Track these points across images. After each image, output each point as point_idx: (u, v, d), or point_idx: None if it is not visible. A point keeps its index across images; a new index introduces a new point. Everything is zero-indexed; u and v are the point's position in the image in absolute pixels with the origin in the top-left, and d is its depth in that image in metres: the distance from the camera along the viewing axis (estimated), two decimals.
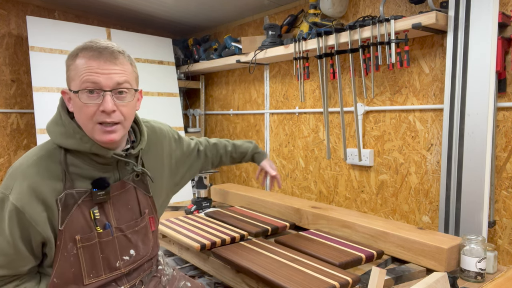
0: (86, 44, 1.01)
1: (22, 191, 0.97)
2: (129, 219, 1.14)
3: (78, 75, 0.99)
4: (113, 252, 1.10)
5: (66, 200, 1.01)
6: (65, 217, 1.02)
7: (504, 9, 1.61)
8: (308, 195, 2.47)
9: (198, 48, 3.10)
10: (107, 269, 1.09)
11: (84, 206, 1.05)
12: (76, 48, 1.02)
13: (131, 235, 1.14)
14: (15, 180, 0.99)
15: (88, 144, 1.02)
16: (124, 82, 1.02)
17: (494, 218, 1.66)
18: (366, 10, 2.09)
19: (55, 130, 1.05)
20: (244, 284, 1.46)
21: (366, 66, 1.95)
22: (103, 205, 1.08)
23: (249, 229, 1.77)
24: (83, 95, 0.98)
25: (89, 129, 1.01)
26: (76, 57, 1.00)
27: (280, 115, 2.64)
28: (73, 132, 1.02)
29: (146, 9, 2.74)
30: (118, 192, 1.12)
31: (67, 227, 1.02)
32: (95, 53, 0.99)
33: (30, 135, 2.70)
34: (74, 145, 1.02)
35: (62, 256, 1.02)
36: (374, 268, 1.00)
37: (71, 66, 1.01)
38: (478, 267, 1.34)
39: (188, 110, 3.46)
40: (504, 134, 1.63)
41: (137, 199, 1.17)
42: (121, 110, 1.02)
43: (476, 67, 1.56)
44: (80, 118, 1.02)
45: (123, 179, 1.13)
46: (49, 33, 2.48)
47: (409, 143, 1.94)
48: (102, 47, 0.99)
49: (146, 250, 1.19)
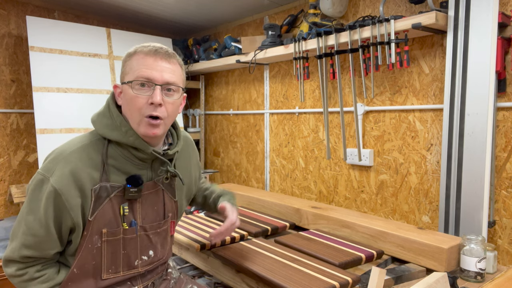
0: (143, 44, 1.09)
1: (63, 174, 1.01)
2: (153, 220, 1.17)
3: (133, 69, 1.05)
4: (134, 250, 1.13)
5: (100, 192, 1.05)
6: (96, 208, 1.05)
7: (504, 9, 1.61)
8: (308, 195, 2.47)
9: (198, 48, 3.10)
10: (126, 267, 1.12)
11: (115, 200, 1.08)
12: (134, 47, 1.09)
13: (153, 236, 1.17)
14: (57, 164, 1.02)
15: (132, 137, 1.06)
16: (174, 81, 1.08)
17: (494, 218, 1.66)
18: (366, 10, 2.09)
19: (101, 121, 1.09)
20: (244, 284, 1.46)
21: (366, 66, 1.95)
22: (132, 202, 1.11)
23: (249, 229, 1.77)
24: (135, 86, 1.04)
25: (136, 121, 1.06)
26: (133, 54, 1.07)
27: (280, 115, 2.64)
28: (120, 124, 1.07)
29: (146, 9, 2.74)
30: (148, 192, 1.15)
31: (96, 218, 1.05)
32: (152, 50, 1.06)
33: (30, 135, 2.70)
34: (118, 137, 1.06)
35: (86, 248, 1.05)
36: (374, 268, 1.00)
37: (127, 62, 1.08)
38: (478, 267, 1.34)
39: (188, 110, 3.46)
40: (504, 134, 1.63)
41: (163, 202, 1.19)
42: (167, 107, 1.07)
43: (476, 67, 1.56)
44: (128, 110, 1.07)
45: (155, 180, 1.16)
46: (49, 33, 2.48)
47: (409, 143, 1.94)
48: (158, 47, 1.08)
49: (163, 253, 1.22)
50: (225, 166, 3.19)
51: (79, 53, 2.58)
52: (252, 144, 2.90)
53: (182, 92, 1.12)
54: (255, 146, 2.87)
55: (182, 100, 1.17)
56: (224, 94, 3.16)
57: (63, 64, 2.50)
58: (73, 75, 2.52)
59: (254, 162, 2.89)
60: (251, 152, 2.92)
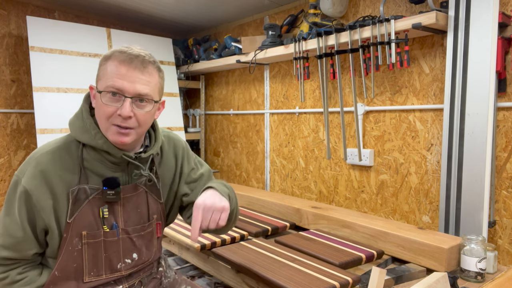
0: (121, 48, 1.05)
1: (33, 175, 1.01)
2: (136, 222, 1.15)
3: (106, 76, 1.03)
4: (116, 253, 1.11)
5: (78, 194, 1.04)
6: (75, 210, 1.04)
7: (504, 9, 1.61)
8: (308, 195, 2.47)
9: (198, 48, 3.10)
10: (108, 270, 1.10)
11: (94, 203, 1.07)
12: (111, 50, 1.06)
13: (136, 239, 1.15)
14: (29, 165, 1.03)
15: (101, 140, 1.05)
16: (146, 93, 1.04)
17: (494, 218, 1.66)
18: (366, 10, 2.09)
19: (75, 123, 1.09)
20: (244, 284, 1.46)
21: (366, 66, 1.95)
22: (113, 205, 1.10)
23: (249, 229, 1.77)
24: (105, 96, 1.02)
25: (105, 127, 1.05)
26: (109, 59, 1.04)
27: (280, 115, 2.64)
28: (89, 127, 1.06)
29: (146, 9, 2.74)
30: (130, 195, 1.13)
31: (75, 221, 1.04)
32: (127, 59, 1.02)
33: (30, 135, 2.70)
34: (87, 140, 1.05)
35: (66, 250, 1.04)
36: (374, 268, 1.00)
37: (102, 67, 1.05)
38: (478, 267, 1.34)
39: (188, 110, 3.46)
40: (504, 134, 1.63)
41: (147, 204, 1.18)
42: (138, 117, 1.04)
43: (476, 67, 1.56)
44: (98, 116, 1.06)
45: (137, 182, 1.15)
46: (49, 33, 2.48)
47: (409, 143, 1.94)
48: (134, 55, 1.03)
49: (149, 255, 1.20)
50: (225, 166, 3.19)
51: (79, 53, 2.58)
52: (252, 144, 2.90)
53: (155, 104, 1.09)
54: (255, 146, 2.87)
55: (158, 108, 1.14)
56: (224, 94, 3.16)
57: (63, 64, 2.50)
58: (73, 75, 2.52)
59: (254, 162, 2.89)
60: (251, 152, 2.92)
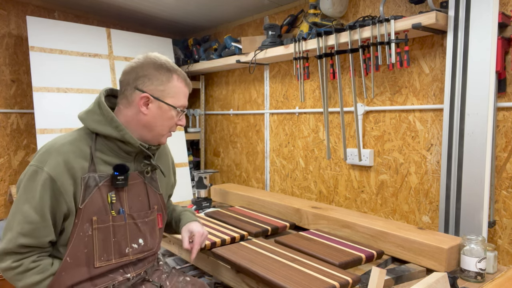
0: (176, 66, 1.24)
1: (57, 163, 1.09)
2: (140, 209, 1.25)
3: (177, 96, 1.23)
4: (124, 237, 1.19)
5: (89, 181, 1.13)
6: (86, 196, 1.12)
7: (504, 9, 1.61)
8: (308, 195, 2.47)
9: (198, 48, 3.10)
10: (117, 254, 1.17)
11: (103, 189, 1.16)
12: (166, 63, 1.22)
13: (141, 225, 1.24)
14: (50, 155, 1.10)
15: (123, 132, 1.16)
16: None
17: (494, 218, 1.66)
18: (366, 10, 2.09)
19: (91, 118, 1.19)
20: (244, 284, 1.46)
21: (366, 66, 1.95)
22: (119, 191, 1.19)
23: (249, 229, 1.77)
24: (176, 111, 1.23)
25: (161, 134, 1.24)
26: (173, 76, 1.22)
27: (280, 115, 2.64)
28: (111, 120, 1.17)
29: (146, 9, 2.74)
30: (133, 182, 1.23)
31: (86, 206, 1.12)
32: (187, 81, 1.26)
33: (30, 135, 2.70)
34: (107, 131, 1.16)
35: (77, 236, 1.11)
36: (374, 268, 1.00)
37: (170, 84, 1.21)
38: (478, 267, 1.34)
39: (188, 110, 3.46)
40: (504, 134, 1.63)
41: (146, 194, 1.27)
42: None
43: (476, 67, 1.56)
44: (157, 124, 1.21)
45: (138, 172, 1.25)
46: (49, 33, 2.48)
47: (409, 143, 1.94)
48: (186, 76, 1.27)
49: (153, 244, 1.28)
50: (225, 166, 3.19)
51: (79, 53, 2.58)
52: (252, 144, 2.90)
53: None
54: (255, 146, 2.87)
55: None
56: (224, 94, 3.16)
57: (63, 64, 2.50)
58: (73, 75, 2.52)
59: (254, 162, 2.89)
60: (251, 152, 2.92)
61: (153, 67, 1.19)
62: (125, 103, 1.21)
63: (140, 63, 1.20)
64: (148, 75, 1.19)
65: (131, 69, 1.21)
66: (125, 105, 1.21)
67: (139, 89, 1.19)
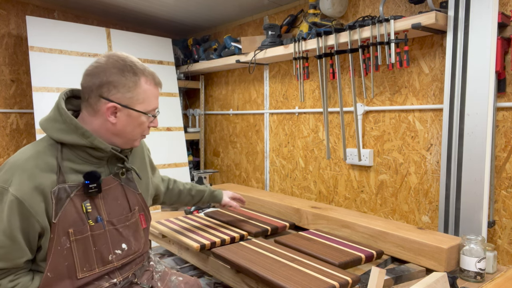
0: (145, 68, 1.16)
1: (22, 182, 1.01)
2: (120, 213, 1.19)
3: (146, 100, 1.15)
4: (106, 245, 1.13)
5: (59, 194, 1.05)
6: (59, 210, 1.05)
7: (504, 9, 1.61)
8: (308, 195, 2.47)
9: (198, 48, 3.10)
10: (100, 263, 1.12)
11: (76, 199, 1.09)
12: (131, 65, 1.12)
13: (123, 230, 1.18)
14: (14, 173, 1.02)
15: (91, 138, 1.08)
16: None
17: (494, 218, 1.66)
18: (365, 10, 2.09)
19: (53, 126, 1.09)
20: (244, 284, 1.46)
21: (365, 66, 1.95)
22: (94, 199, 1.13)
23: (249, 229, 1.77)
24: (146, 117, 1.16)
25: (133, 138, 1.18)
26: (141, 79, 1.13)
27: (280, 115, 2.64)
28: (75, 128, 1.08)
29: (146, 9, 2.74)
30: (108, 187, 1.17)
31: (60, 220, 1.05)
32: (156, 80, 1.18)
33: (29, 135, 2.70)
34: (74, 140, 1.08)
35: (55, 250, 1.05)
36: (374, 268, 1.01)
37: (138, 90, 1.12)
38: (477, 267, 1.34)
39: (188, 110, 3.46)
40: (503, 134, 1.63)
41: (125, 196, 1.22)
42: None
43: (476, 67, 1.56)
44: (126, 129, 1.14)
45: (112, 175, 1.19)
46: (48, 33, 2.48)
47: (408, 143, 1.94)
48: (156, 75, 1.19)
49: (138, 246, 1.23)
50: (225, 166, 3.19)
51: (79, 53, 2.58)
52: (252, 144, 2.90)
53: None
54: (255, 146, 2.87)
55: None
56: (224, 94, 3.16)
57: (63, 64, 2.50)
58: (73, 75, 2.51)
59: (254, 162, 2.89)
60: (251, 152, 2.92)
61: (118, 71, 1.09)
62: (90, 111, 1.12)
63: (102, 66, 1.09)
64: (113, 82, 1.08)
65: (93, 73, 1.10)
66: (90, 113, 1.12)
67: (105, 98, 1.09)
